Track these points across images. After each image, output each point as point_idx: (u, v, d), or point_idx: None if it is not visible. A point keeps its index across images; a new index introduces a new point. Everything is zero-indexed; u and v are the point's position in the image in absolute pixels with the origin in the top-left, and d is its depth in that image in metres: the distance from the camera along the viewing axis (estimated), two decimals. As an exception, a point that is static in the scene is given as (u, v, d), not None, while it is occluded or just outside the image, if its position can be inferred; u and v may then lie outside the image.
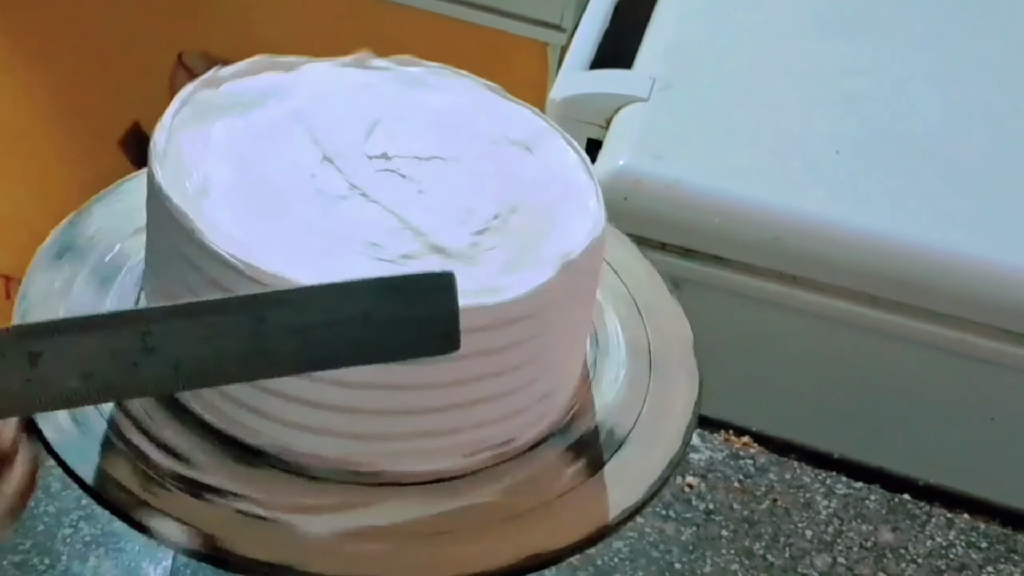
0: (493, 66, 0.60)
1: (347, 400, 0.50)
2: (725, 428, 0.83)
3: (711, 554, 0.76)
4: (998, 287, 0.90)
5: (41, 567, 0.70)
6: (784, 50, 1.07)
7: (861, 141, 0.98)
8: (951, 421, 0.95)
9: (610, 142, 0.98)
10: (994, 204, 0.94)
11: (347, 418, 0.50)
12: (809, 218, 0.92)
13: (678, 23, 1.10)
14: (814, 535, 0.78)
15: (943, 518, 0.80)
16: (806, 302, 0.93)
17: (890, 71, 1.05)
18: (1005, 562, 0.78)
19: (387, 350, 0.45)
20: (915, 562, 0.77)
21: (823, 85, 1.03)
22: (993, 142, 0.99)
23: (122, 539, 0.71)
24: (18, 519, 0.44)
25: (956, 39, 1.10)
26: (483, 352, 0.50)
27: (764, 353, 0.96)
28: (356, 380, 0.49)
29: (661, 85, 1.01)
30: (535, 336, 0.51)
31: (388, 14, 1.58)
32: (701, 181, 0.93)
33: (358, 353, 0.45)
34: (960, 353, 0.92)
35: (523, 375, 0.52)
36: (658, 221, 0.92)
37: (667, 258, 0.92)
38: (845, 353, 0.95)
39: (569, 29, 1.48)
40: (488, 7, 1.53)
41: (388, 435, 0.51)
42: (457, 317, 0.45)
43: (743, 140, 0.97)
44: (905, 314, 0.92)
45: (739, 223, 0.92)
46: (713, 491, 0.79)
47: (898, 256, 0.91)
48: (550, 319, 0.52)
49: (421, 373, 0.49)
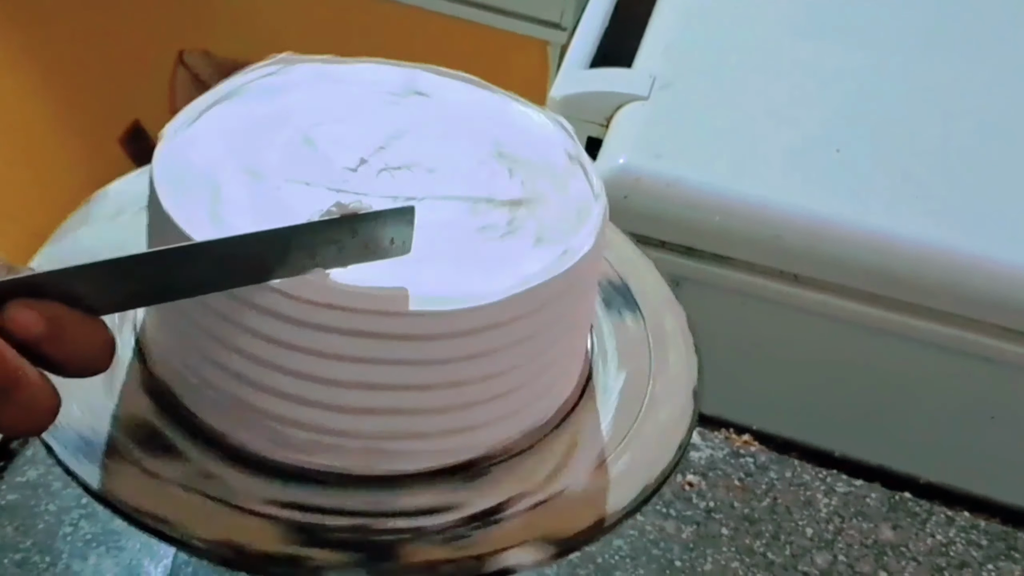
0: (493, 65, 0.60)
1: (347, 401, 0.50)
2: (725, 426, 0.83)
3: (711, 552, 0.76)
4: (998, 285, 0.90)
5: (42, 565, 0.70)
6: (784, 49, 1.07)
7: (861, 140, 0.98)
8: (951, 419, 0.95)
9: (610, 141, 0.98)
10: (994, 203, 0.94)
11: (347, 418, 0.50)
12: (809, 216, 0.92)
13: (678, 22, 1.10)
14: (815, 533, 0.78)
15: (943, 516, 0.80)
16: (806, 300, 0.93)
17: (890, 70, 1.05)
18: (1005, 560, 0.78)
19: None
20: (915, 560, 0.77)
21: (823, 84, 1.03)
22: (993, 141, 0.99)
23: (122, 537, 0.71)
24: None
25: (956, 39, 1.10)
26: (483, 352, 0.50)
27: (764, 352, 0.97)
28: (354, 380, 0.49)
29: (661, 84, 1.01)
30: (537, 333, 0.51)
31: (388, 13, 1.58)
32: (701, 179, 0.93)
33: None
34: (960, 351, 0.92)
35: (524, 373, 0.52)
36: (658, 219, 0.92)
37: (667, 256, 0.92)
38: (846, 351, 0.95)
39: (569, 28, 1.49)
40: (488, 6, 1.53)
41: (388, 434, 0.51)
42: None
43: (743, 139, 0.97)
44: (905, 312, 0.92)
45: (739, 221, 0.92)
46: (714, 489, 0.79)
47: (898, 254, 0.91)
48: (551, 316, 0.52)
49: (426, 373, 0.49)
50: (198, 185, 0.51)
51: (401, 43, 0.60)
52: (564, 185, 0.56)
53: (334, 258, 0.47)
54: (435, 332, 0.49)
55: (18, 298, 0.42)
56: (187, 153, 0.53)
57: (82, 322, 0.44)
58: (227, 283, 0.47)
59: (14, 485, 0.73)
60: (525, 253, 0.52)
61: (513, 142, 0.57)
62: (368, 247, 0.48)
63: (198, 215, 0.49)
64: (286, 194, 0.51)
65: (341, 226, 0.47)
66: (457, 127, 0.57)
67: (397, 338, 0.48)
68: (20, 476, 0.74)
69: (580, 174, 0.56)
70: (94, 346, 0.45)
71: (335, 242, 0.47)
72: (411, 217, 0.48)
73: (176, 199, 0.50)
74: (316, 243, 0.47)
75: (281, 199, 0.51)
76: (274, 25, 1.72)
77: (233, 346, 0.49)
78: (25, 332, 0.42)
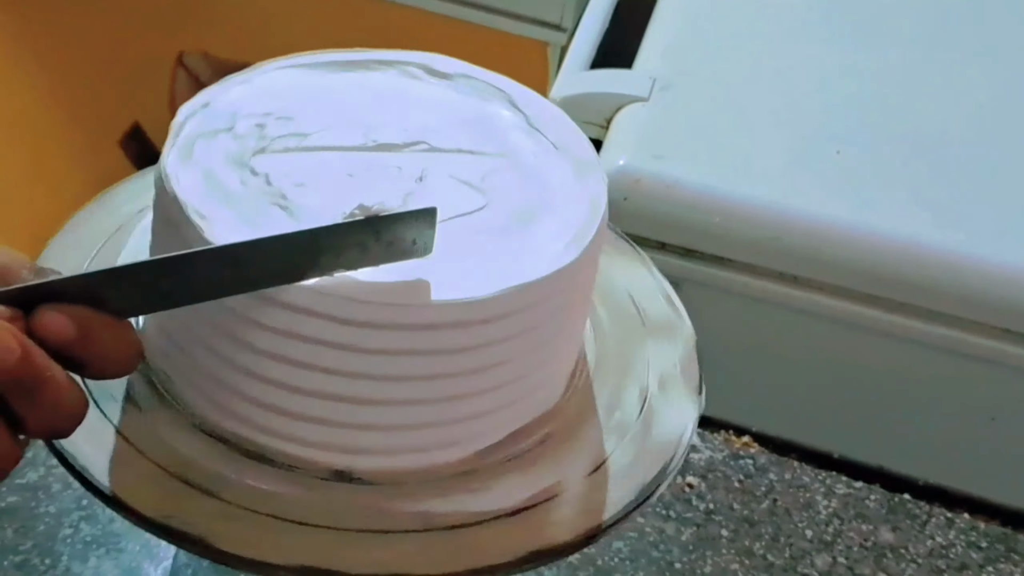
0: (493, 66, 0.60)
1: (350, 391, 0.50)
2: (725, 428, 0.83)
3: (711, 554, 0.76)
4: (998, 287, 0.90)
5: (42, 567, 0.70)
6: (784, 50, 1.07)
7: (861, 141, 0.98)
8: (951, 421, 0.95)
9: (610, 142, 0.98)
10: (994, 204, 0.94)
11: (349, 409, 0.51)
12: (809, 218, 0.92)
13: (678, 23, 1.10)
14: (814, 535, 0.78)
15: (943, 518, 0.80)
16: (806, 302, 0.93)
17: (890, 71, 1.05)
18: (1005, 562, 0.78)
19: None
20: (915, 562, 0.77)
21: (823, 85, 1.03)
22: (993, 142, 0.99)
23: (123, 539, 0.71)
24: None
25: (956, 39, 1.10)
26: (484, 344, 0.50)
27: (764, 353, 0.96)
28: (359, 371, 0.49)
29: (661, 85, 1.01)
30: (534, 327, 0.52)
31: (389, 14, 1.58)
32: (701, 181, 0.93)
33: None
34: (960, 353, 0.92)
35: (519, 367, 0.52)
36: (658, 221, 0.92)
37: (667, 258, 0.92)
38: (845, 353, 0.95)
39: (569, 29, 1.48)
40: (488, 7, 1.53)
41: (388, 427, 0.51)
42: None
43: (743, 140, 0.97)
44: (905, 314, 0.92)
45: (739, 223, 0.92)
46: (713, 491, 0.79)
47: (898, 256, 0.91)
48: (547, 312, 0.52)
49: (427, 364, 0.50)
50: (213, 187, 0.51)
51: (401, 45, 0.60)
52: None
53: (358, 259, 0.48)
54: (453, 320, 0.49)
55: (46, 302, 0.43)
56: (200, 157, 0.53)
57: (109, 325, 0.44)
58: (254, 285, 0.47)
59: (14, 487, 0.73)
60: (536, 240, 0.52)
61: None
62: (391, 248, 0.48)
63: (219, 215, 0.50)
64: (302, 196, 0.51)
65: (365, 228, 0.48)
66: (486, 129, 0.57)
67: (414, 328, 0.49)
68: (20, 478, 0.74)
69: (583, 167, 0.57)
70: (120, 349, 0.45)
71: (359, 244, 0.48)
72: (433, 218, 0.49)
73: (198, 204, 0.50)
74: (341, 245, 0.47)
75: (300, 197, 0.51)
76: (274, 27, 1.72)
77: (249, 344, 0.50)
78: (56, 336, 0.43)
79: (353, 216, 0.49)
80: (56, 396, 0.43)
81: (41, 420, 0.43)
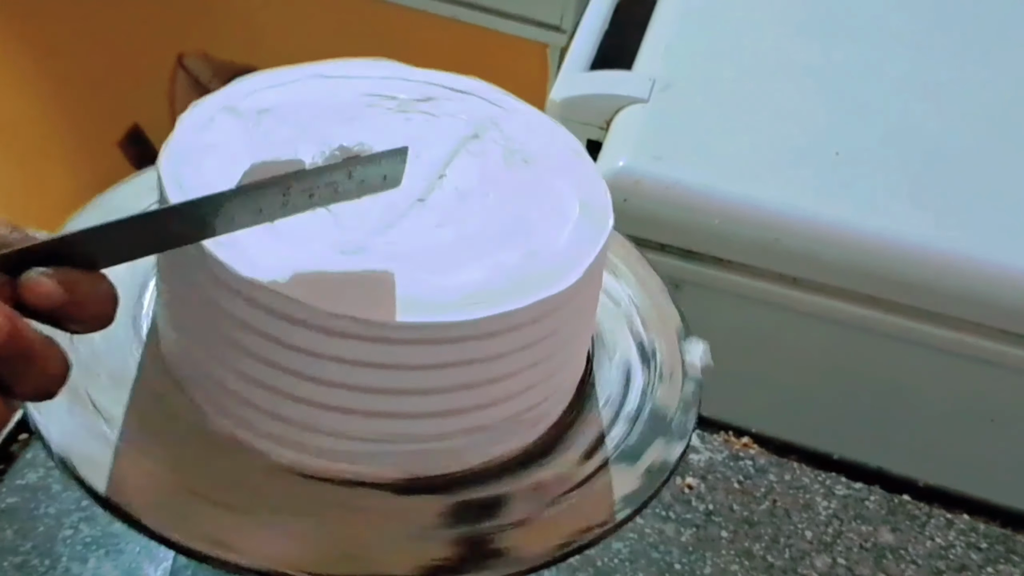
0: (493, 67, 0.60)
1: (365, 405, 0.50)
2: (725, 429, 0.83)
3: (711, 555, 0.76)
4: (998, 288, 0.90)
5: (41, 568, 0.70)
6: (784, 51, 1.07)
7: (860, 141, 0.98)
8: (951, 422, 0.95)
9: (610, 143, 0.98)
10: (994, 204, 0.94)
11: (361, 422, 0.51)
12: (809, 219, 0.92)
13: (678, 23, 1.10)
14: (814, 536, 0.78)
15: (943, 519, 0.80)
16: (806, 303, 0.93)
17: (889, 72, 1.05)
18: (1005, 563, 0.78)
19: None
20: (915, 563, 0.77)
21: (823, 86, 1.03)
22: (992, 142, 0.99)
23: (122, 540, 0.71)
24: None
25: (956, 40, 1.11)
26: (492, 356, 0.50)
27: (764, 354, 0.97)
28: (376, 385, 0.49)
29: (661, 86, 1.01)
30: (545, 338, 0.52)
31: (389, 15, 1.58)
32: (701, 182, 0.93)
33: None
34: (960, 354, 0.92)
35: (528, 377, 0.52)
36: (658, 222, 0.92)
37: (667, 259, 0.92)
38: (845, 354, 0.95)
39: (569, 30, 1.49)
40: (488, 8, 1.53)
41: (397, 436, 0.51)
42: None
43: (743, 141, 0.97)
44: (905, 315, 0.92)
45: (739, 224, 0.92)
46: (713, 492, 0.79)
47: (897, 257, 0.91)
48: (557, 322, 0.52)
49: (436, 377, 0.50)
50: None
51: (401, 46, 0.60)
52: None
53: (330, 197, 0.49)
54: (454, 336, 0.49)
55: (31, 265, 0.43)
56: (197, 158, 0.53)
57: (89, 281, 0.45)
58: (228, 227, 0.47)
59: (14, 488, 0.73)
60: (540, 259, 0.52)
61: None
62: (362, 185, 0.49)
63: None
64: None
65: (340, 169, 0.49)
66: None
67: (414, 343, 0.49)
68: (20, 479, 0.74)
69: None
70: (100, 303, 0.46)
71: (332, 183, 0.48)
72: (404, 156, 0.49)
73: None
74: (314, 185, 0.48)
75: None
76: (274, 28, 1.73)
77: (262, 357, 0.50)
78: (47, 301, 0.43)
79: (334, 158, 0.51)
80: (42, 364, 0.44)
81: (27, 386, 0.44)
